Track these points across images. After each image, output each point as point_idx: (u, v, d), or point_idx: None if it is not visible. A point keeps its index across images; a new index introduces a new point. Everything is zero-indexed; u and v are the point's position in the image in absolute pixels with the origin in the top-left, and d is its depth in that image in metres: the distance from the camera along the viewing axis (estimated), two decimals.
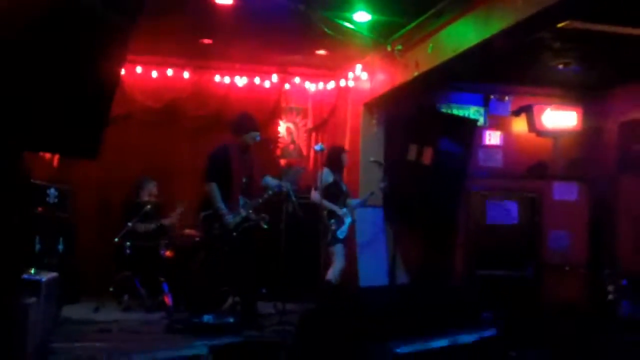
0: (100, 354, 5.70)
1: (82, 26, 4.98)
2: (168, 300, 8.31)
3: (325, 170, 8.61)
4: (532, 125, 10.79)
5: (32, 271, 5.82)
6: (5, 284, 5.07)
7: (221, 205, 7.30)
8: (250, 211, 7.46)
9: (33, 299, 5.27)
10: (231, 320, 7.05)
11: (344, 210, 8.55)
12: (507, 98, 11.03)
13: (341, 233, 8.47)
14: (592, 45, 8.53)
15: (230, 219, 7.33)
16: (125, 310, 8.46)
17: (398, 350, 5.84)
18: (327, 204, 8.37)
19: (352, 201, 8.83)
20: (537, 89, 10.83)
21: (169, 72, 10.50)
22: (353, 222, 8.80)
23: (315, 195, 8.56)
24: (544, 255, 10.02)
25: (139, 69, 10.29)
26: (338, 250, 8.46)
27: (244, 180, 7.42)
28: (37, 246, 8.05)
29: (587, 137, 10.90)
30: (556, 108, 10.78)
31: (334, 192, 8.60)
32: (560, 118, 10.79)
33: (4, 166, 5.22)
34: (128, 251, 8.72)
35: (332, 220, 8.44)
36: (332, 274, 8.31)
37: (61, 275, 6.83)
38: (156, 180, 9.49)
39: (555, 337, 8.73)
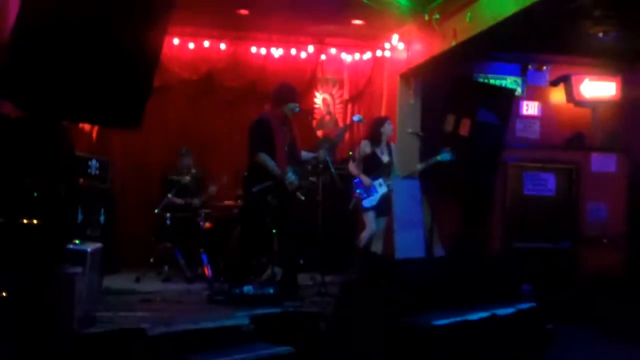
0: (143, 323, 5.78)
1: None
2: (208, 271, 8.40)
3: (364, 142, 8.77)
4: (570, 95, 10.67)
5: (77, 242, 5.91)
6: (52, 254, 5.17)
7: (279, 170, 7.26)
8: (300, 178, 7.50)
9: (78, 269, 5.36)
10: (271, 291, 7.11)
11: (379, 180, 8.58)
12: (545, 68, 10.91)
13: (368, 202, 8.57)
14: (632, 13, 8.39)
15: (294, 178, 7.35)
16: (165, 281, 8.58)
17: (436, 323, 5.87)
18: (358, 173, 8.61)
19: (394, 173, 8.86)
20: (576, 58, 10.67)
21: (206, 43, 10.52)
22: (389, 193, 8.81)
23: (351, 166, 8.68)
24: (581, 228, 9.98)
25: (176, 41, 10.31)
26: (367, 218, 8.62)
27: (286, 150, 7.41)
28: (80, 217, 8.16)
29: (626, 107, 10.74)
30: (595, 78, 10.64)
31: (372, 164, 8.66)
32: (599, 88, 10.66)
33: (50, 138, 5.31)
34: (168, 222, 8.81)
35: (359, 190, 8.58)
36: (360, 238, 8.55)
37: (103, 245, 6.93)
38: (194, 151, 9.56)
39: (592, 309, 8.71)
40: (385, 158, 8.73)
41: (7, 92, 4.95)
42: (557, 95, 10.89)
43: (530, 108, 10.86)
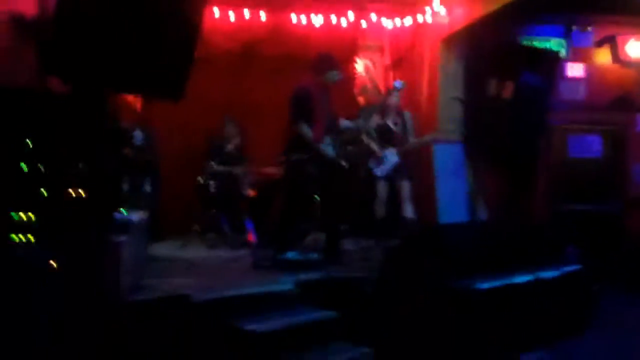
0: (188, 290, 5.87)
1: None
2: (252, 238, 8.48)
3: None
4: (615, 56, 10.49)
5: (123, 211, 6.01)
6: (100, 223, 5.28)
7: (316, 142, 7.31)
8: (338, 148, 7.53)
9: (125, 237, 5.46)
10: (315, 256, 7.17)
11: (389, 151, 8.64)
12: (589, 28, 10.70)
13: (380, 171, 8.65)
14: None
15: (330, 149, 7.39)
16: (210, 248, 8.69)
17: (479, 286, 5.86)
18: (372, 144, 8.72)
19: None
20: (621, 17, 10.44)
21: (246, 13, 10.51)
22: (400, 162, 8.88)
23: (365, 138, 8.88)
24: (628, 189, 9.85)
25: (216, 11, 10.32)
26: (378, 186, 8.73)
27: (326, 119, 7.42)
28: (126, 187, 8.28)
29: None
30: None
31: (382, 132, 8.81)
32: None
33: (94, 110, 5.39)
34: (212, 190, 8.90)
35: (370, 160, 8.70)
36: (375, 209, 8.69)
37: (148, 214, 7.04)
38: (236, 121, 9.61)
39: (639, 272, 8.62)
40: (394, 126, 8.79)
41: (52, 66, 5.04)
42: (603, 56, 10.70)
43: (575, 70, 10.67)
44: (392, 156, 8.64)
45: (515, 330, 5.94)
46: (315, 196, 7.66)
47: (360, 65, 11.16)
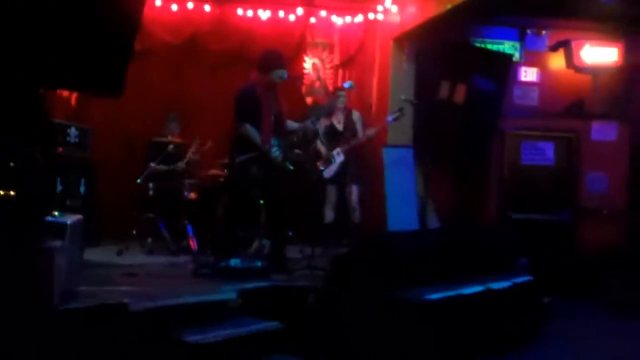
0: (126, 298, 5.80)
1: None
2: (193, 243, 8.43)
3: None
4: (570, 61, 10.65)
5: (56, 213, 5.91)
6: (31, 227, 5.18)
7: (262, 142, 7.25)
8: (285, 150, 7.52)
9: (58, 242, 5.37)
10: (259, 264, 7.14)
11: (336, 150, 8.78)
12: (544, 32, 10.87)
13: (327, 172, 8.98)
14: None
15: (278, 153, 7.35)
16: (149, 254, 8.61)
17: (428, 297, 5.92)
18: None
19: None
20: (576, 22, 10.62)
21: (190, 5, 10.41)
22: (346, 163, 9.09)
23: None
24: (581, 199, 10.00)
25: (158, 2, 10.19)
26: (327, 191, 9.07)
27: (272, 120, 7.40)
28: (59, 187, 8.15)
29: (629, 73, 10.70)
30: (596, 43, 10.60)
31: (329, 133, 9.15)
32: (600, 53, 10.63)
33: (25, 105, 5.29)
34: (151, 192, 8.82)
35: (319, 162, 8.98)
36: (324, 213, 9.04)
37: (84, 217, 6.93)
38: (179, 119, 9.55)
39: (592, 283, 8.78)
40: (340, 127, 8.92)
41: None
42: (557, 61, 10.88)
43: (528, 74, 10.85)
44: (338, 156, 8.76)
45: (465, 341, 6.01)
46: (260, 200, 7.63)
47: (308, 64, 11.16)
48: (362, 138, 9.22)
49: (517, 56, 10.75)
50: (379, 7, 10.30)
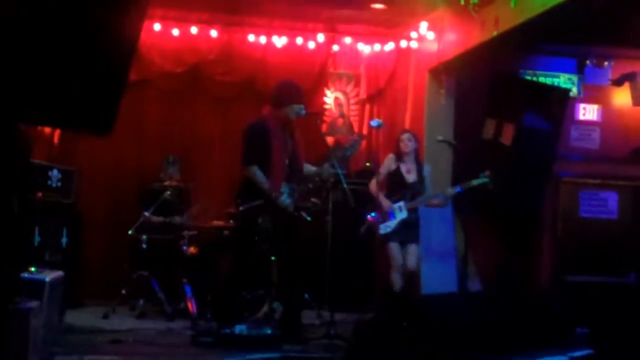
0: None
1: None
2: (192, 306, 8.42)
3: (389, 156, 8.84)
4: (637, 97, 10.66)
5: (33, 269, 5.93)
6: (4, 284, 5.18)
7: (270, 187, 7.27)
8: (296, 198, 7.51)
9: (35, 303, 5.38)
10: (269, 331, 7.11)
11: (399, 204, 8.55)
12: (606, 64, 10.89)
13: (384, 228, 8.53)
14: None
15: (287, 200, 7.36)
16: (140, 318, 8.63)
17: None
18: (377, 193, 8.61)
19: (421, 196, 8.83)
20: None
21: (193, 30, 10.54)
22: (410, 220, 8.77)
23: (372, 185, 8.74)
24: None
25: (157, 27, 10.33)
26: (389, 250, 8.56)
27: (286, 162, 7.41)
28: (37, 239, 8.19)
29: None
30: None
31: (394, 182, 8.68)
32: None
33: (1, 143, 5.32)
34: (144, 246, 8.84)
35: (373, 214, 8.60)
36: (391, 280, 8.50)
37: (65, 274, 6.95)
38: (178, 162, 9.60)
39: None
40: (410, 177, 8.69)
41: None
42: (621, 97, 10.87)
43: (588, 112, 10.85)
44: (400, 212, 8.52)
45: None
46: (272, 256, 7.62)
47: (330, 98, 11.22)
48: (434, 201, 8.97)
49: (574, 91, 10.76)
50: (413, 34, 10.37)
